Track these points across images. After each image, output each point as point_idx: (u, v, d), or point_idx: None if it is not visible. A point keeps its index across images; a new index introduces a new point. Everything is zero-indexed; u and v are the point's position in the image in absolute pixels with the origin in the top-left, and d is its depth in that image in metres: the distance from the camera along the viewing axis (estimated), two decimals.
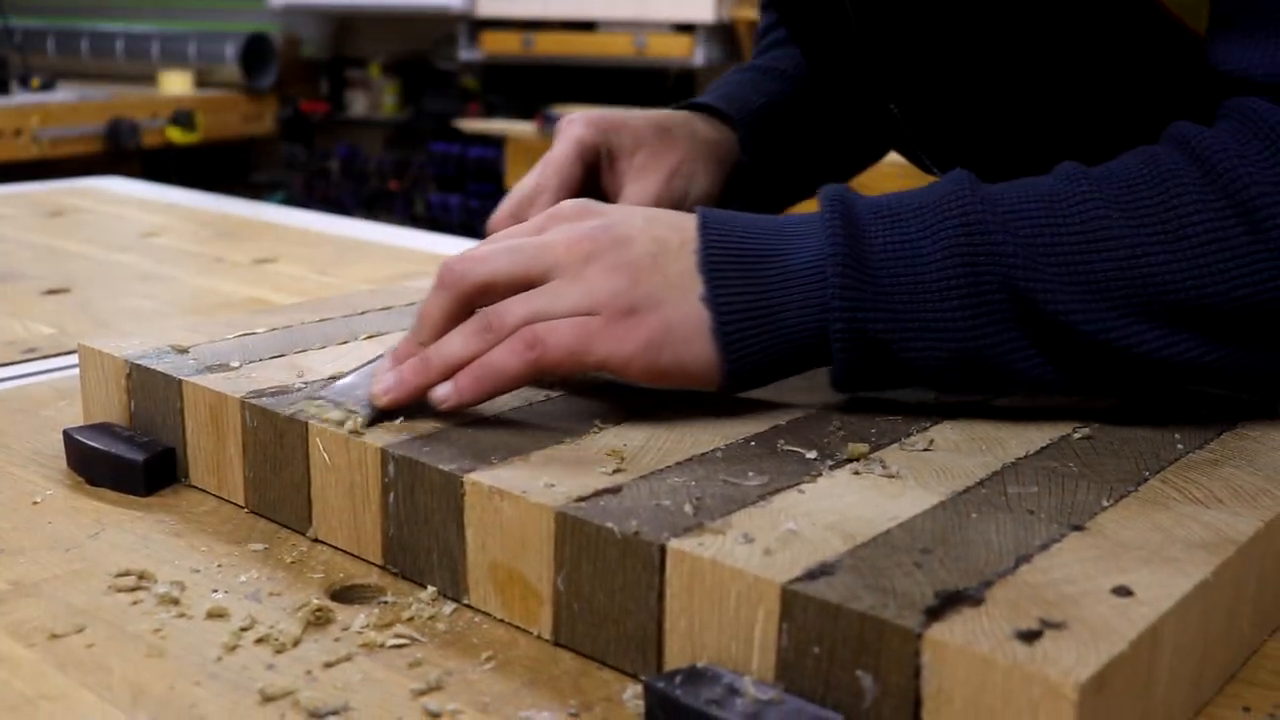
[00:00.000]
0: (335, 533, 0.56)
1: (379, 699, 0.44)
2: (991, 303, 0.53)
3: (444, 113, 4.39)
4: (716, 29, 3.79)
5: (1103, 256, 0.52)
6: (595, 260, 0.55)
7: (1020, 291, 0.53)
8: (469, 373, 0.54)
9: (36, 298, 1.03)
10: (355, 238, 1.32)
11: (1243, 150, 0.53)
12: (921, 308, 0.54)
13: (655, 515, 0.46)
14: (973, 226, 0.53)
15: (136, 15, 5.23)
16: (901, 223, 0.55)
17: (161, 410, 0.63)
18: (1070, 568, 0.43)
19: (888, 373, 0.56)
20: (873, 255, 0.54)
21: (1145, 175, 0.54)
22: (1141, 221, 0.53)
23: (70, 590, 0.52)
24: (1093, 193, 0.54)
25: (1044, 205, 0.54)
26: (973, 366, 0.55)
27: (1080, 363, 0.55)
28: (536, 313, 0.54)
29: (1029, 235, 0.53)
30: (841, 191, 0.57)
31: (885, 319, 0.54)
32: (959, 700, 0.38)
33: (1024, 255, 0.53)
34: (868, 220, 0.55)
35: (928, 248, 0.54)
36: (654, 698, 0.42)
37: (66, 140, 3.82)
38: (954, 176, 0.56)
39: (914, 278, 0.54)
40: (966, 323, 0.53)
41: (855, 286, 0.54)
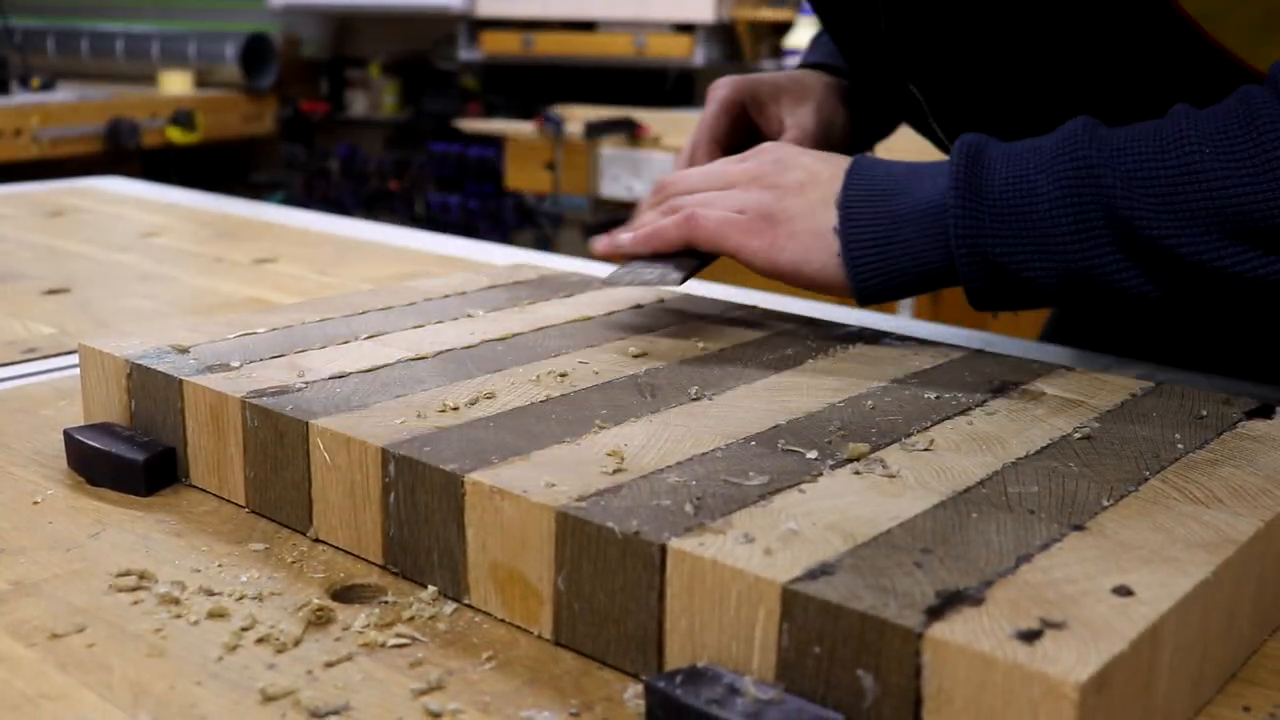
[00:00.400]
0: (336, 532, 0.56)
1: (380, 699, 0.44)
2: (1096, 228, 0.61)
3: (444, 113, 4.39)
4: (716, 29, 3.79)
5: (1194, 187, 0.59)
6: (758, 180, 0.70)
7: (1120, 218, 0.60)
8: (644, 233, 0.71)
9: (36, 298, 1.03)
10: (355, 238, 1.32)
11: None
12: (1035, 232, 0.62)
13: (656, 515, 0.46)
14: (1080, 162, 0.61)
15: (136, 15, 5.23)
16: (1023, 160, 0.63)
17: (162, 410, 0.63)
18: (1070, 567, 0.43)
19: (1011, 292, 0.64)
20: (993, 189, 0.63)
21: (1238, 115, 0.60)
22: (1231, 155, 0.59)
23: (71, 590, 0.52)
24: (1190, 130, 0.60)
25: (1147, 143, 0.61)
26: (1082, 283, 0.63)
27: (1177, 281, 0.61)
28: (703, 203, 0.70)
29: (1130, 169, 0.60)
30: (976, 138, 0.65)
31: (1002, 243, 0.63)
32: (959, 700, 0.38)
33: (1124, 186, 0.60)
34: (994, 159, 0.64)
35: (1042, 181, 0.62)
36: (655, 697, 0.42)
37: (66, 140, 3.82)
38: (1077, 121, 0.64)
39: (1029, 207, 0.62)
40: (1074, 245, 0.62)
41: (974, 216, 0.63)
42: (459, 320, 0.75)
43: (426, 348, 0.68)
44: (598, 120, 3.45)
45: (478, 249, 1.27)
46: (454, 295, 0.82)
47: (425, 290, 0.83)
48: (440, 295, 0.82)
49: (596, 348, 0.70)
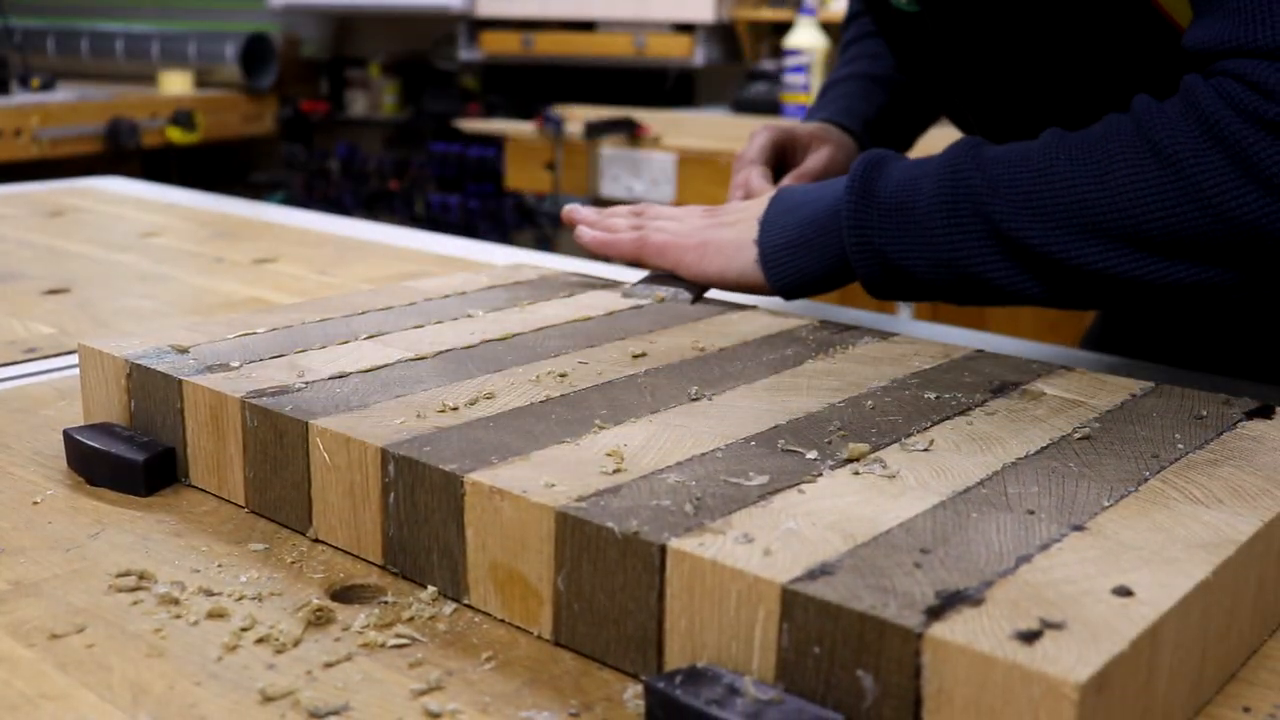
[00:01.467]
0: (335, 533, 0.56)
1: (379, 699, 0.44)
2: (965, 224, 0.71)
3: (444, 113, 4.38)
4: (716, 29, 3.78)
5: (1048, 188, 0.68)
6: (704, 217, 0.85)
7: (986, 214, 0.70)
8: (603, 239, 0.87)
9: (36, 298, 1.03)
10: (355, 238, 1.32)
11: (1170, 115, 0.66)
12: (915, 227, 0.72)
13: (655, 515, 0.46)
14: (957, 169, 0.71)
15: (136, 15, 5.23)
16: (913, 169, 0.74)
17: (162, 410, 0.63)
18: (1070, 567, 0.43)
19: (897, 281, 0.74)
20: (884, 189, 0.74)
21: (1097, 133, 0.68)
22: (1082, 163, 0.67)
23: (70, 590, 0.52)
24: (1054, 144, 0.69)
25: (1017, 154, 0.70)
26: (956, 273, 0.72)
27: (1036, 272, 0.70)
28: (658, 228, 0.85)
29: (997, 174, 0.70)
30: (878, 154, 0.76)
31: (886, 235, 0.73)
32: (959, 700, 0.38)
33: (990, 187, 0.70)
34: (892, 169, 0.75)
35: (925, 185, 0.72)
36: (654, 698, 0.42)
37: (66, 140, 3.82)
38: (963, 140, 0.73)
39: (911, 204, 0.72)
40: (947, 239, 0.71)
41: (864, 212, 0.74)
42: (459, 320, 0.75)
43: (426, 348, 0.68)
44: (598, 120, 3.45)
45: (478, 249, 1.27)
46: (454, 295, 0.82)
47: (425, 290, 0.83)
48: (440, 295, 0.82)
49: (596, 348, 0.70)
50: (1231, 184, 0.63)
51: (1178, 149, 0.64)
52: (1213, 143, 0.64)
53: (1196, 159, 0.64)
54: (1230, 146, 0.63)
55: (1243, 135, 0.63)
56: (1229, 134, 0.63)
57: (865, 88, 1.06)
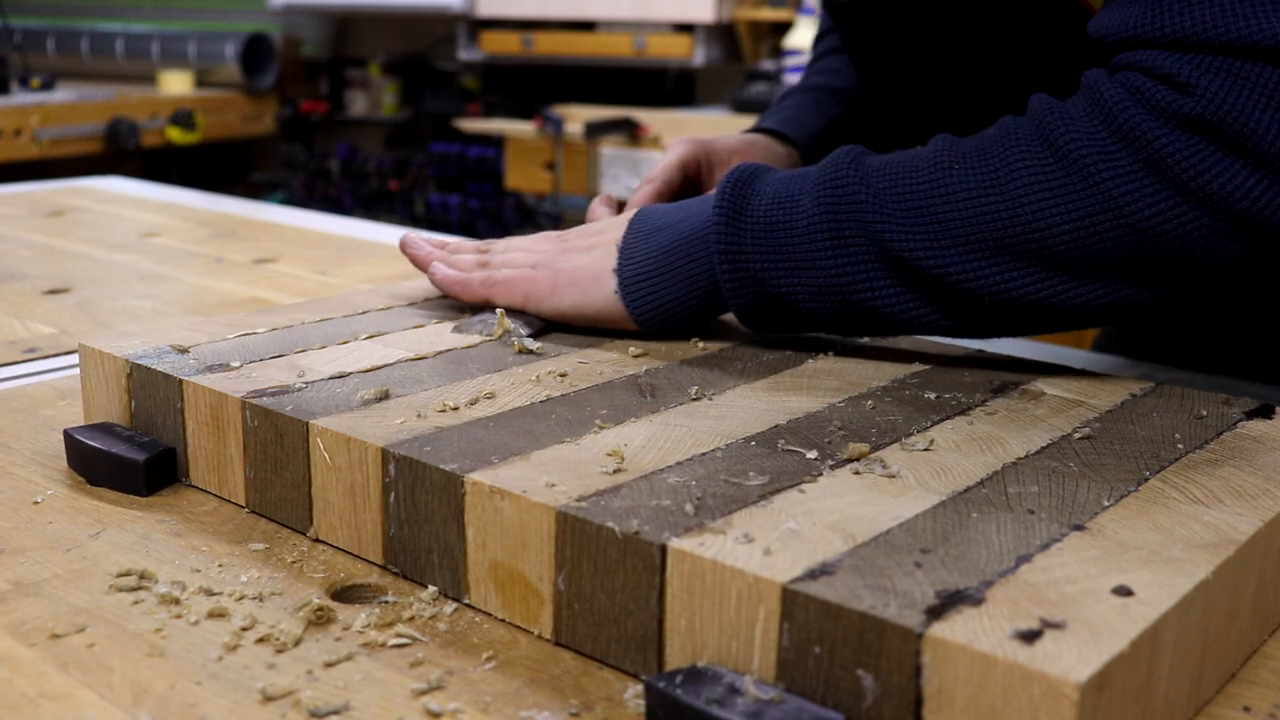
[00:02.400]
0: (336, 532, 0.56)
1: (380, 698, 0.44)
2: (851, 244, 0.63)
3: (444, 113, 4.38)
4: (716, 29, 3.79)
5: (943, 202, 0.61)
6: (554, 241, 0.75)
7: (874, 234, 0.62)
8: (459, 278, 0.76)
9: (36, 298, 1.03)
10: (355, 238, 1.32)
11: (1073, 113, 0.60)
12: (794, 248, 0.64)
13: (656, 515, 0.46)
14: (839, 181, 0.64)
15: (136, 15, 5.23)
16: (789, 183, 0.66)
17: (162, 410, 0.63)
18: (1071, 567, 0.43)
19: (775, 310, 0.67)
20: (756, 208, 0.66)
21: (993, 137, 0.62)
22: (978, 171, 0.61)
23: (71, 590, 0.52)
24: (946, 152, 0.63)
25: (904, 164, 0.63)
26: (841, 300, 0.64)
27: (935, 298, 0.63)
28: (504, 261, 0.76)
29: (885, 187, 0.63)
30: (751, 167, 0.68)
31: (762, 258, 0.65)
32: (960, 699, 0.38)
33: (875, 202, 0.62)
34: (765, 184, 0.67)
35: (804, 200, 0.65)
36: (655, 697, 0.42)
37: (66, 140, 3.82)
38: (843, 149, 0.66)
39: (788, 223, 0.65)
40: (830, 260, 0.64)
41: (736, 233, 0.66)
42: (459, 320, 0.75)
43: (426, 348, 0.68)
44: (598, 120, 3.45)
45: None
46: None
47: (425, 290, 0.83)
48: (440, 295, 0.82)
49: (596, 348, 0.70)
50: (1143, 189, 0.57)
51: (1082, 151, 0.58)
52: (1120, 143, 0.58)
53: (1104, 161, 0.58)
54: (1139, 146, 0.57)
55: (1152, 133, 0.57)
56: (1138, 132, 0.57)
57: (819, 99, 0.96)
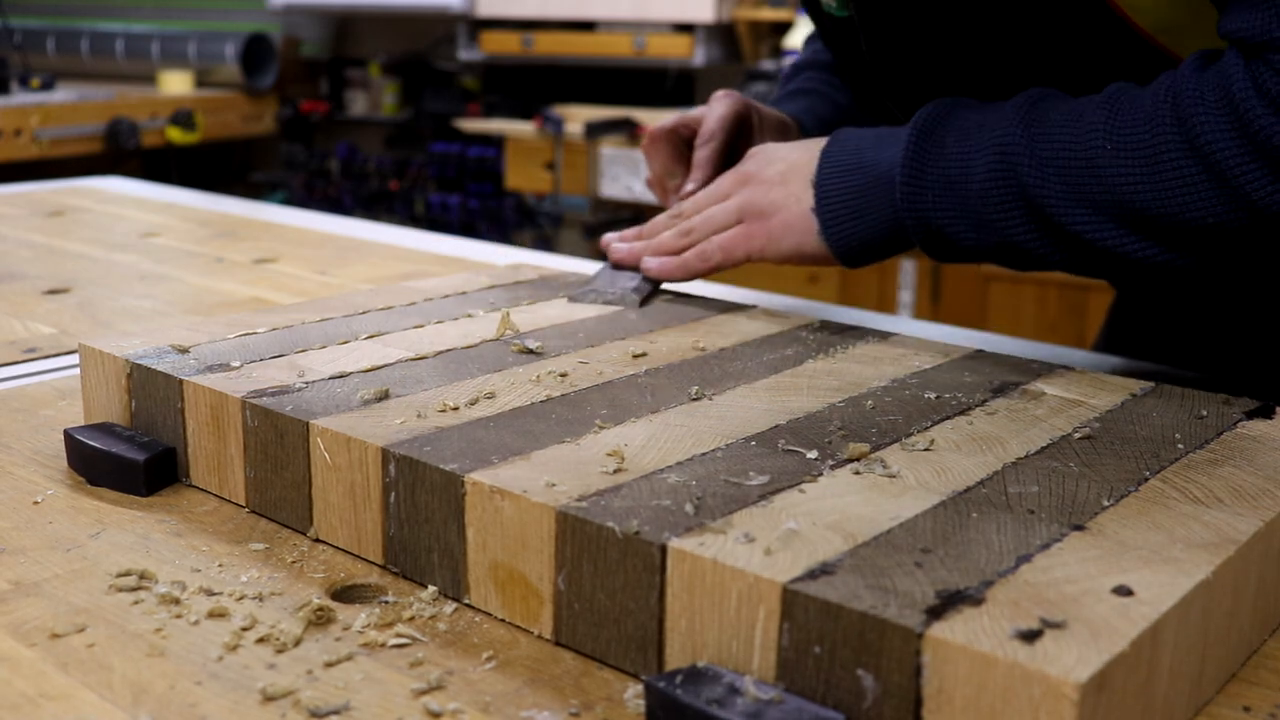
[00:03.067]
0: (336, 532, 0.56)
1: (380, 698, 0.44)
2: (1014, 208, 0.70)
3: (444, 113, 4.38)
4: (716, 29, 3.78)
5: (1098, 183, 0.68)
6: (747, 183, 0.80)
7: (1035, 202, 0.69)
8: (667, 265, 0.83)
9: (36, 298, 1.03)
10: (355, 238, 1.32)
11: (1207, 97, 0.65)
12: (969, 209, 0.71)
13: (656, 515, 0.46)
14: (1005, 147, 0.70)
15: (136, 15, 5.23)
16: (968, 138, 0.72)
17: (162, 410, 0.63)
18: (1071, 567, 0.43)
19: (958, 253, 0.74)
20: (936, 166, 0.72)
21: (1146, 112, 0.67)
22: (1129, 159, 0.67)
23: (71, 590, 0.52)
24: (1102, 124, 0.68)
25: (1065, 130, 0.69)
26: (1012, 251, 0.72)
27: (1081, 255, 0.70)
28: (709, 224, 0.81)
29: (1047, 156, 0.69)
30: (937, 111, 0.74)
31: (943, 215, 0.72)
32: (959, 699, 0.38)
33: (1038, 174, 0.69)
34: (949, 134, 0.73)
35: (977, 161, 0.71)
36: (655, 697, 0.42)
37: (66, 140, 3.82)
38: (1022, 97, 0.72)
39: (964, 184, 0.71)
40: (1000, 220, 0.71)
41: (918, 191, 0.73)
42: (459, 320, 0.75)
43: (426, 348, 0.68)
44: (598, 120, 3.45)
45: (478, 249, 1.27)
46: (454, 295, 0.82)
47: (425, 290, 0.83)
48: (440, 295, 0.82)
49: (596, 348, 0.70)
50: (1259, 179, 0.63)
51: (1216, 151, 0.64)
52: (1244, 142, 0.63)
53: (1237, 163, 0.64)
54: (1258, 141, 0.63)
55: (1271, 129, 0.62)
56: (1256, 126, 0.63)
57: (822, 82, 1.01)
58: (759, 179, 0.79)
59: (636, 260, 0.84)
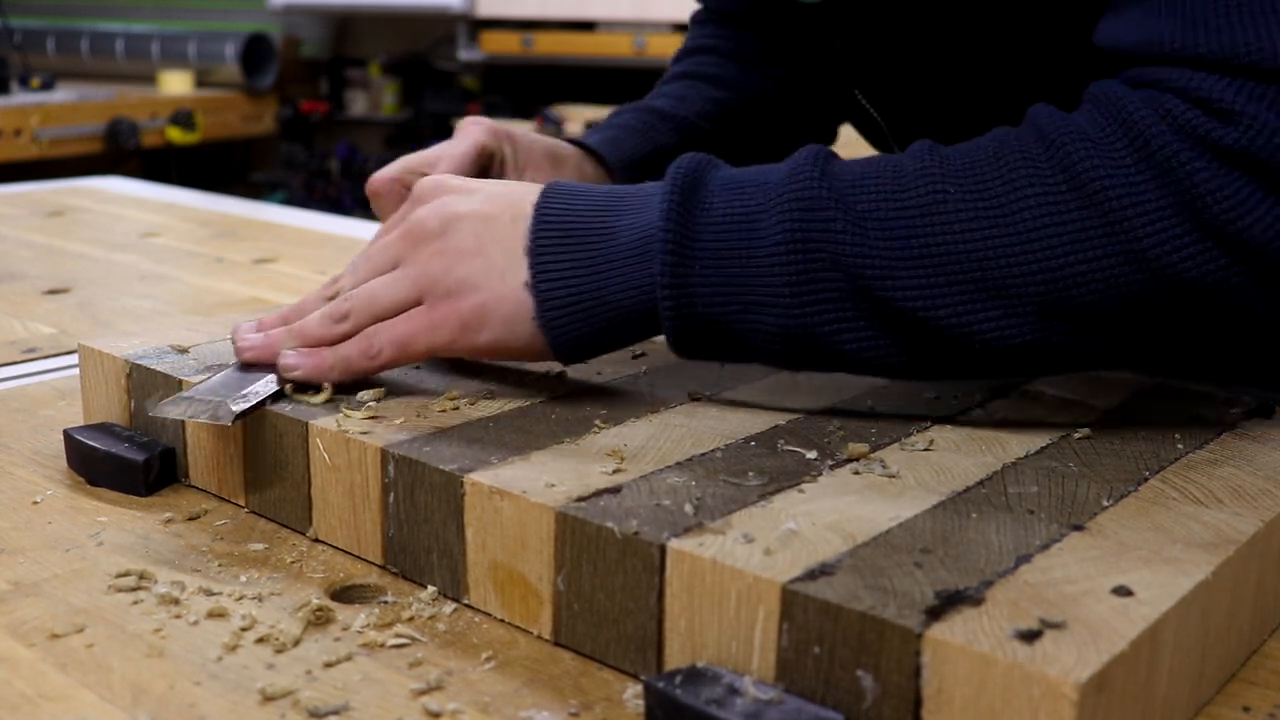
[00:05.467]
0: (335, 533, 0.56)
1: (379, 699, 0.44)
2: (822, 280, 0.53)
3: (444, 113, 4.38)
4: None
5: (937, 231, 0.52)
6: (422, 246, 0.59)
7: (851, 270, 0.53)
8: (324, 358, 0.59)
9: (36, 298, 1.03)
10: (355, 238, 1.32)
11: (1091, 133, 0.52)
12: (753, 283, 0.54)
13: (655, 515, 0.46)
14: (808, 202, 0.53)
15: (136, 15, 5.23)
16: (745, 195, 0.55)
17: None
18: (1070, 568, 0.43)
19: (724, 347, 0.57)
20: (709, 229, 0.55)
21: (992, 153, 0.53)
22: (977, 197, 0.52)
23: (70, 590, 0.52)
24: (935, 168, 0.53)
25: (886, 180, 0.54)
26: (806, 343, 0.55)
27: (919, 344, 0.54)
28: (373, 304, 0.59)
29: (864, 210, 0.53)
30: (696, 163, 0.57)
31: (713, 295, 0.55)
32: (959, 700, 0.38)
33: (854, 232, 0.53)
34: (715, 189, 0.56)
35: (764, 222, 0.54)
36: (654, 697, 0.42)
37: (66, 140, 3.82)
38: (807, 150, 0.56)
39: (747, 253, 0.54)
40: (797, 300, 0.53)
41: (683, 264, 0.55)
42: None
43: None
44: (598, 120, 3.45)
45: None
46: None
47: None
48: None
49: None
50: (1171, 229, 0.50)
51: (1104, 182, 0.50)
52: (1149, 173, 0.50)
53: (1128, 195, 0.50)
54: (1172, 180, 0.50)
55: (1189, 165, 0.49)
56: (1173, 163, 0.50)
57: (651, 123, 0.83)
58: (442, 242, 0.58)
59: (274, 355, 0.60)
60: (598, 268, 0.56)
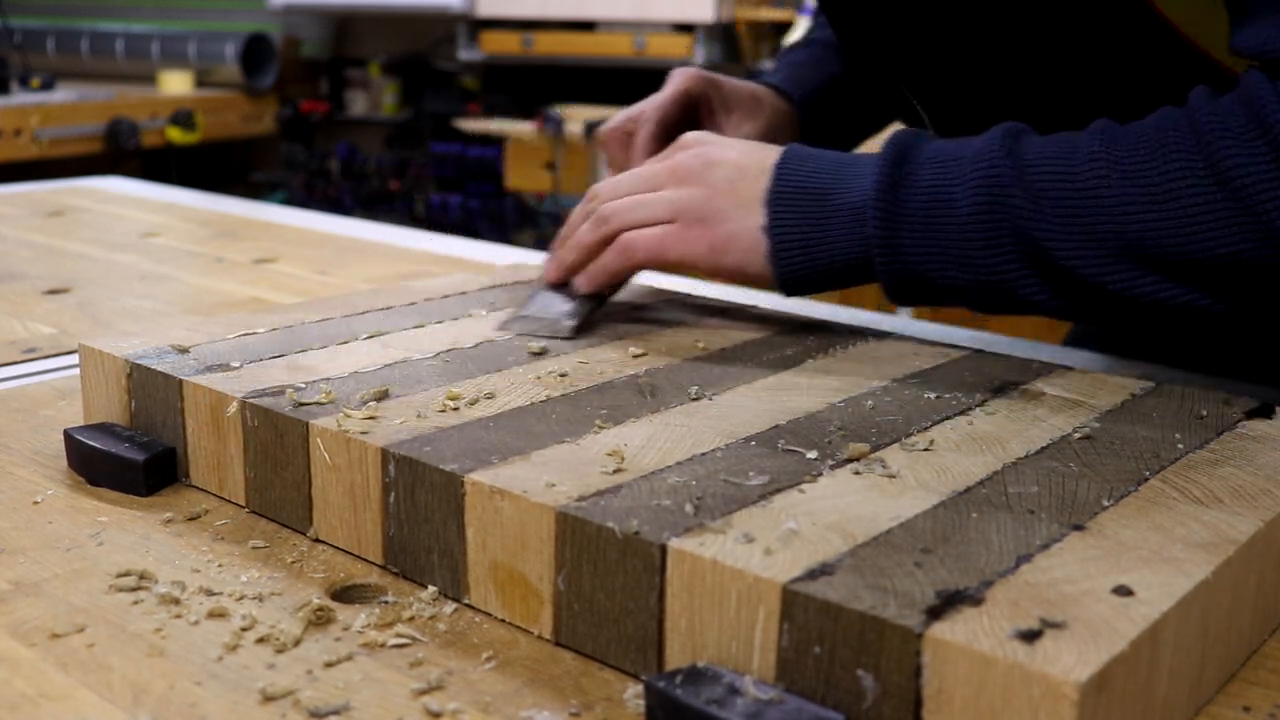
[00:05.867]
0: (336, 532, 0.56)
1: (380, 698, 0.44)
2: (1005, 244, 0.63)
3: (444, 113, 4.39)
4: (716, 29, 3.79)
5: (1100, 212, 0.61)
6: (687, 179, 0.70)
7: (1028, 237, 0.63)
8: (588, 272, 0.73)
9: (36, 298, 1.03)
10: (355, 238, 1.32)
11: (1234, 127, 0.59)
12: (951, 245, 0.65)
13: (656, 515, 0.46)
14: (994, 179, 0.63)
15: (136, 15, 5.23)
16: (945, 169, 0.65)
17: (162, 410, 0.63)
18: (1070, 567, 0.43)
19: (929, 295, 0.67)
20: (914, 198, 0.65)
21: (1151, 139, 0.61)
22: (1137, 184, 0.61)
23: (71, 590, 0.52)
24: (1102, 152, 0.62)
25: (1060, 161, 0.63)
26: (994, 292, 0.65)
27: (1079, 297, 0.63)
28: (633, 215, 0.71)
29: (1040, 189, 0.62)
30: (905, 139, 0.67)
31: (920, 254, 0.65)
32: (959, 700, 0.38)
33: (1031, 206, 0.62)
34: (921, 164, 0.66)
35: (960, 194, 0.64)
36: (655, 697, 0.42)
37: (66, 140, 3.82)
38: (997, 130, 0.65)
39: (946, 219, 0.64)
40: (984, 259, 0.64)
41: (893, 227, 0.65)
42: (459, 320, 0.75)
43: (426, 348, 0.68)
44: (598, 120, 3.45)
45: (478, 249, 1.27)
46: (454, 295, 0.82)
47: (425, 290, 0.83)
48: (440, 295, 0.82)
49: (596, 348, 0.70)
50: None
51: (1244, 177, 0.58)
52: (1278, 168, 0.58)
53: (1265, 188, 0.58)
54: None
55: None
56: None
57: (817, 56, 0.93)
58: (702, 180, 0.70)
59: (563, 273, 0.74)
60: (820, 223, 0.67)
